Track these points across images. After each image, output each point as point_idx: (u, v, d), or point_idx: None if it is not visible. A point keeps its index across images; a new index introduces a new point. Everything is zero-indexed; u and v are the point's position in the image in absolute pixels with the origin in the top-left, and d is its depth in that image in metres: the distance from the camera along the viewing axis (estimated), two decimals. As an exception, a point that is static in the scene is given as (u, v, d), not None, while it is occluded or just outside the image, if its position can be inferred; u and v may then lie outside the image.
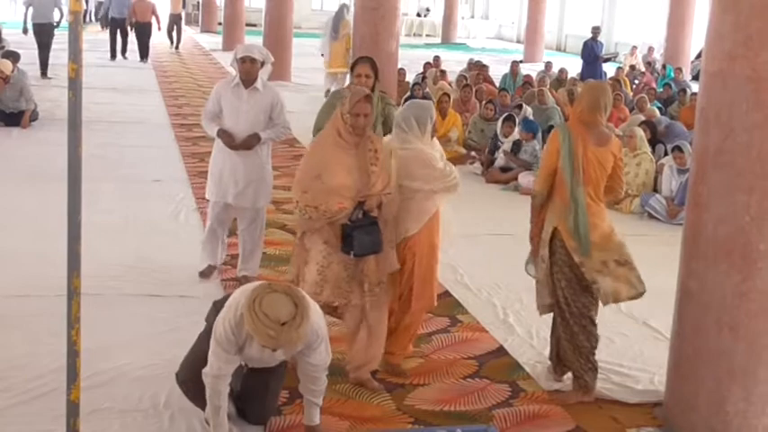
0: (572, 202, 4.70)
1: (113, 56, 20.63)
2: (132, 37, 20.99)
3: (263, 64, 6.14)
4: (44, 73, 16.38)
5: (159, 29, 22.09)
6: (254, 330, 3.64)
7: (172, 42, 24.32)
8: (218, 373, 3.93)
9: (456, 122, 11.60)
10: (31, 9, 16.43)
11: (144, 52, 20.81)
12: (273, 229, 7.16)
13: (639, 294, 4.80)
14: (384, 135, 5.57)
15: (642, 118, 11.77)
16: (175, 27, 24.27)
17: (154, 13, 20.93)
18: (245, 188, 6.19)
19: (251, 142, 6.09)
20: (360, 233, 4.54)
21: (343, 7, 16.85)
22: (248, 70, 6.07)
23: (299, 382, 4.20)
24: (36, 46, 16.55)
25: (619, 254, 4.79)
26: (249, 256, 6.38)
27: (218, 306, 4.27)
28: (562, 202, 4.75)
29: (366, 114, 4.64)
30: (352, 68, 5.84)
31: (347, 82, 15.31)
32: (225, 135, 6.10)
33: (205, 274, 6.39)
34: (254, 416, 4.36)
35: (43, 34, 16.32)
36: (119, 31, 20.80)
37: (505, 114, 11.06)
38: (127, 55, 20.88)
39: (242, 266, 6.39)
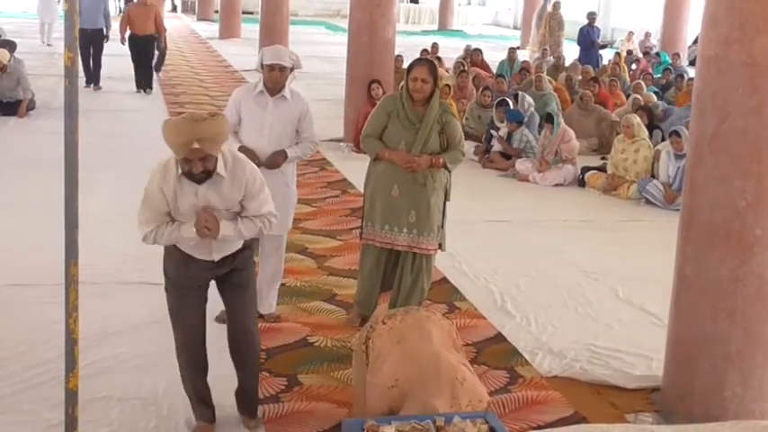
0: None
1: (89, 80, 14.48)
2: (114, 59, 15.56)
3: (292, 69, 5.34)
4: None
5: (166, 45, 16.16)
6: (171, 130, 3.77)
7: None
8: (150, 228, 4.14)
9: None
10: None
11: (146, 79, 14.75)
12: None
13: None
14: (439, 144, 5.23)
15: (641, 100, 11.78)
16: (156, 44, 15.55)
17: (157, 23, 14.88)
18: None
19: (277, 160, 5.24)
20: None
21: (545, 1, 21.68)
22: (277, 79, 5.27)
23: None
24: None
25: None
26: (267, 291, 5.47)
27: None
28: None
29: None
30: (408, 71, 5.25)
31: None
32: (247, 152, 5.02)
33: (220, 318, 4.90)
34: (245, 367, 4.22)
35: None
36: (92, 48, 14.34)
37: (498, 99, 11.05)
38: (101, 84, 14.76)
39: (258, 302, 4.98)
